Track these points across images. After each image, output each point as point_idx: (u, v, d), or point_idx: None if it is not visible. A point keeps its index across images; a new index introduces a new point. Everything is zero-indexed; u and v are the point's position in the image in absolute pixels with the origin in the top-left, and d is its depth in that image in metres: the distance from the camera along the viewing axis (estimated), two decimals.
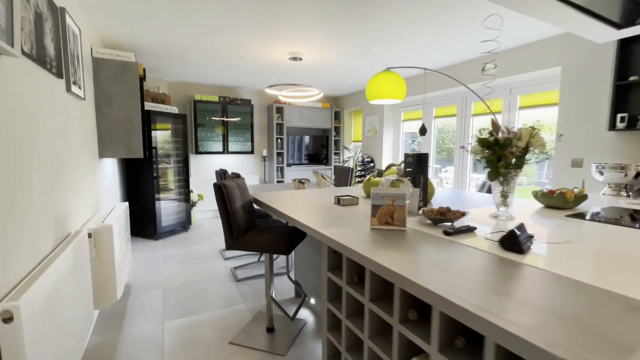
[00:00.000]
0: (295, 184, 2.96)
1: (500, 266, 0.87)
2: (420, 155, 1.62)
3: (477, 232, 1.22)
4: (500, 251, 0.99)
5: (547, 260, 0.91)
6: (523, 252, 0.96)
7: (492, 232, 1.21)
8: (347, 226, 1.31)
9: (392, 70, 2.11)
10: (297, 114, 5.57)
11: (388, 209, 1.27)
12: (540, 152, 1.34)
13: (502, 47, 3.11)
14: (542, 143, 1.31)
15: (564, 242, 1.08)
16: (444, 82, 3.87)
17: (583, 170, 2.63)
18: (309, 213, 1.58)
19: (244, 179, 2.07)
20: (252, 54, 3.35)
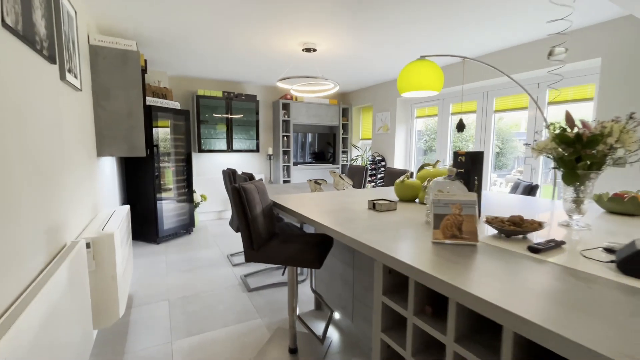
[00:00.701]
0: (311, 185, 2.73)
1: (635, 299, 0.65)
2: (474, 154, 1.40)
3: (566, 247, 1.00)
4: (618, 275, 0.77)
5: None
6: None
7: (587, 248, 0.99)
8: (401, 239, 1.08)
9: (427, 58, 1.88)
10: (304, 111, 5.33)
11: (454, 219, 1.05)
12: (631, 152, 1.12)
13: (528, 38, 2.89)
14: (636, 140, 1.09)
15: None
16: (469, 75, 3.65)
17: (628, 171, 2.42)
18: (345, 222, 1.35)
19: (261, 181, 1.84)
20: (261, 45, 3.11)
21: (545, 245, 0.96)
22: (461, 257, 0.92)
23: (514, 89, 3.43)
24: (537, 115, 3.21)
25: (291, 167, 5.33)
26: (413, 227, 1.26)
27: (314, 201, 1.87)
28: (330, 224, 1.31)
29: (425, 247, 1.01)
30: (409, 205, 1.75)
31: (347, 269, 1.83)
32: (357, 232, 1.18)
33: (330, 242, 1.72)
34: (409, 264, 0.87)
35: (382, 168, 4.91)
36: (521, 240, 1.08)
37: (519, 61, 3.11)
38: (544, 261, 0.89)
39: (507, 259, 0.90)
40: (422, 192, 1.79)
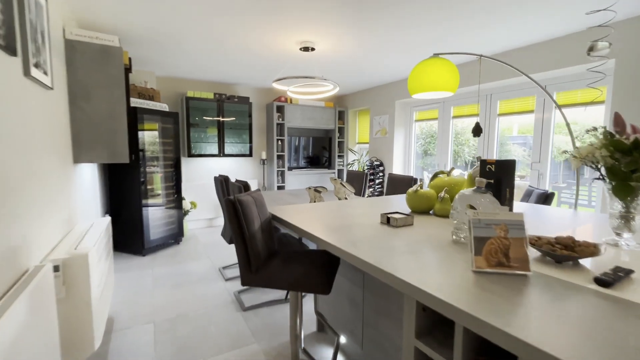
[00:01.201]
0: (310, 194, 2.54)
1: None
2: (505, 162, 1.23)
3: (635, 277, 0.83)
4: None
5: None
6: None
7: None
8: (432, 265, 0.90)
9: (441, 56, 1.72)
10: (299, 114, 5.14)
11: (500, 243, 0.87)
12: None
13: (532, 40, 2.78)
14: None
15: None
16: (469, 78, 3.53)
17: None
18: (360, 242, 1.16)
19: (259, 191, 1.63)
20: (255, 43, 2.92)
21: (614, 277, 0.79)
22: (516, 293, 0.74)
23: (517, 92, 3.31)
24: (544, 119, 3.09)
25: (286, 172, 5.12)
26: (440, 248, 1.08)
27: (317, 213, 1.67)
28: (346, 246, 1.12)
29: (466, 277, 0.83)
30: (424, 219, 1.57)
31: (356, 290, 1.63)
32: (379, 256, 0.99)
33: (338, 260, 1.53)
34: (456, 307, 0.69)
35: (380, 173, 4.75)
36: (573, 267, 0.90)
37: (529, 61, 2.99)
38: (622, 300, 0.72)
39: (574, 296, 0.73)
40: (438, 204, 1.61)
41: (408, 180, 2.99)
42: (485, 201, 1.14)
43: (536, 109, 3.15)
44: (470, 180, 1.56)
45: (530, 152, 3.26)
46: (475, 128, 1.82)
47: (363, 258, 0.98)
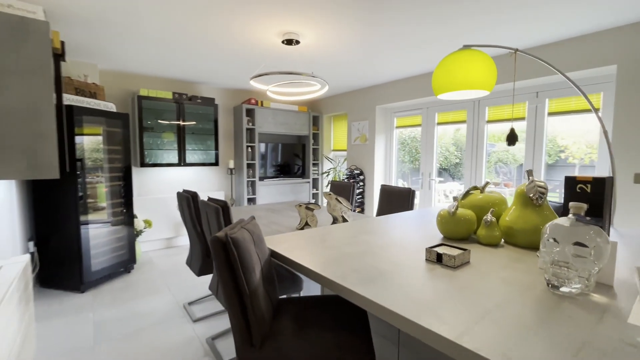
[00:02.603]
0: (301, 212, 2.11)
1: None
2: (603, 180, 0.93)
3: None
4: None
5: None
6: None
7: None
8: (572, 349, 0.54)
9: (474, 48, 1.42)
10: (270, 118, 4.68)
11: None
12: None
13: (529, 43, 2.66)
14: None
15: None
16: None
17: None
18: (426, 302, 0.77)
19: (253, 220, 1.18)
20: (224, 34, 2.44)
21: None
22: None
23: (505, 99, 3.20)
24: (536, 125, 2.99)
25: (257, 182, 4.61)
26: (549, 310, 0.73)
27: (327, 245, 1.26)
28: (423, 319, 0.72)
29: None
30: (473, 250, 1.23)
31: (389, 346, 1.24)
32: (483, 336, 0.61)
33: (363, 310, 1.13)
34: None
35: (361, 183, 4.44)
36: None
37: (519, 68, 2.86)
38: None
39: None
40: (483, 229, 1.29)
41: (405, 193, 2.68)
42: (594, 236, 0.83)
43: (527, 115, 3.05)
44: (522, 198, 1.26)
45: (489, 158, 3.22)
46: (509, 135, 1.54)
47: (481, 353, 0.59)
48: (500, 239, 1.28)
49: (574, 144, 3.00)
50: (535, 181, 1.24)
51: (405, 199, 2.67)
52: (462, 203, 1.49)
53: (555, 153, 3.14)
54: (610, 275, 0.88)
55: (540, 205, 1.22)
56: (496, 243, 1.28)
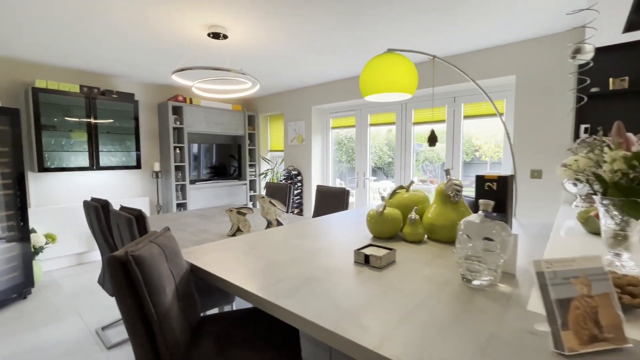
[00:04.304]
0: (232, 217, 1.98)
1: None
2: (506, 178, 1.01)
3: None
4: None
5: None
6: None
7: None
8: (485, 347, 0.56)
9: (397, 52, 1.47)
10: (202, 117, 4.38)
11: (586, 306, 0.59)
12: None
13: (450, 52, 2.91)
14: None
15: None
16: None
17: (542, 182, 2.58)
18: (351, 308, 0.75)
19: (169, 231, 1.05)
20: (144, 19, 2.19)
21: None
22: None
23: (429, 103, 3.47)
24: (454, 127, 3.29)
25: (187, 186, 4.27)
26: (464, 304, 0.77)
27: (256, 253, 1.19)
28: (349, 328, 0.69)
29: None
30: (399, 248, 1.26)
31: None
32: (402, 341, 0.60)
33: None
34: None
35: (299, 183, 4.41)
36: (634, 314, 0.71)
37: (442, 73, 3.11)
38: None
39: None
40: (408, 227, 1.34)
41: (340, 193, 2.72)
42: (499, 230, 0.89)
43: (447, 118, 3.33)
44: (441, 196, 1.34)
45: (417, 157, 3.53)
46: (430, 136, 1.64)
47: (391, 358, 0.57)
48: (423, 236, 1.34)
49: (486, 143, 3.38)
50: (452, 180, 1.33)
51: (340, 199, 2.70)
52: (389, 202, 1.53)
53: (471, 152, 3.50)
54: (513, 265, 0.96)
55: (456, 202, 1.31)
56: (420, 240, 1.34)
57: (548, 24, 2.29)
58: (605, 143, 0.97)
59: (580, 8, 1.83)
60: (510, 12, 2.10)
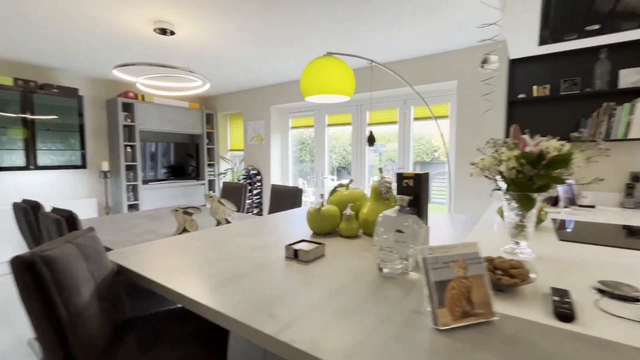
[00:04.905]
0: (178, 217, 1.94)
1: None
2: (422, 176, 1.11)
3: (574, 297, 0.78)
4: None
5: None
6: None
7: (598, 298, 0.81)
8: (376, 328, 0.63)
9: (335, 56, 1.53)
10: (155, 114, 4.21)
11: (461, 286, 0.68)
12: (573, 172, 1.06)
13: (399, 57, 3.06)
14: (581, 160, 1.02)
15: None
16: None
17: (483, 179, 2.80)
18: (270, 301, 0.79)
19: (92, 232, 1.03)
20: (83, 9, 2.09)
21: (568, 305, 0.71)
22: (505, 358, 0.55)
23: (382, 105, 3.61)
24: (405, 129, 3.45)
25: (139, 186, 4.09)
26: (375, 291, 0.84)
27: (193, 251, 1.19)
28: (255, 317, 0.72)
29: (436, 345, 0.59)
30: (332, 243, 1.33)
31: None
32: (304, 326, 0.65)
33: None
34: None
35: (258, 183, 4.39)
36: (516, 294, 0.81)
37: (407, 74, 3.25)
38: (593, 337, 0.62)
39: (556, 346, 0.59)
40: (344, 223, 1.40)
41: (293, 192, 2.76)
42: (411, 223, 0.98)
43: (399, 119, 3.49)
44: (375, 193, 1.42)
45: (380, 156, 3.69)
46: (369, 137, 1.73)
47: (294, 345, 0.62)
48: (357, 231, 1.42)
49: (444, 145, 3.56)
50: (384, 177, 1.42)
51: (294, 198, 2.74)
52: (330, 200, 1.59)
53: (431, 152, 3.68)
54: None
55: (388, 198, 1.40)
56: (355, 234, 1.41)
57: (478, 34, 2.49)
58: (507, 144, 1.09)
59: (489, 23, 2.01)
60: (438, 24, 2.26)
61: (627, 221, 1.70)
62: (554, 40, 1.78)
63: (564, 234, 1.41)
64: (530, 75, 2.44)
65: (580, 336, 0.62)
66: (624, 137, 2.07)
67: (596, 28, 1.61)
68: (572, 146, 0.99)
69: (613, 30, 1.64)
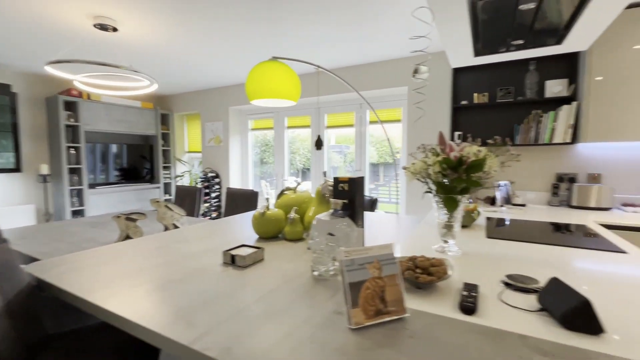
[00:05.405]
0: (120, 224, 1.84)
1: None
2: (357, 180, 1.15)
3: (482, 291, 0.86)
4: (560, 333, 0.64)
5: None
6: (602, 329, 0.65)
7: (498, 289, 0.88)
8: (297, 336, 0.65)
9: (280, 60, 1.54)
10: (102, 114, 3.96)
11: (375, 286, 0.71)
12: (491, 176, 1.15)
13: (354, 62, 3.15)
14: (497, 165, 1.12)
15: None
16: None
17: None
18: (194, 311, 0.78)
19: (4, 242, 0.95)
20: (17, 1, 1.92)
21: (473, 299, 0.77)
22: (406, 353, 0.59)
23: (342, 107, 3.68)
24: (361, 132, 3.55)
25: (85, 191, 3.82)
26: (303, 294, 0.85)
27: (127, 260, 1.14)
28: (174, 327, 0.71)
29: (345, 342, 0.62)
30: (275, 247, 1.33)
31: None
32: (226, 333, 0.65)
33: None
34: None
35: (217, 186, 4.28)
36: (433, 290, 0.87)
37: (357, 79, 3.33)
38: (489, 328, 0.69)
39: (455, 337, 0.65)
40: (288, 226, 1.42)
41: (249, 195, 2.73)
42: (344, 226, 1.01)
43: (355, 123, 3.58)
44: (319, 196, 1.45)
45: (345, 158, 3.76)
46: (317, 141, 1.76)
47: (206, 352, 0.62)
48: (302, 234, 1.43)
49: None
50: (327, 181, 1.45)
51: (249, 201, 2.71)
52: (277, 203, 1.60)
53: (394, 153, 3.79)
54: None
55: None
56: (299, 237, 1.43)
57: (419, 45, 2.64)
58: (433, 149, 1.16)
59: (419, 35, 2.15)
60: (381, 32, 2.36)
61: (552, 218, 1.88)
62: (487, 52, 1.93)
63: (492, 231, 1.53)
64: (471, 83, 2.62)
65: (478, 327, 0.68)
66: (549, 141, 2.29)
67: (521, 42, 1.76)
68: (487, 151, 1.09)
69: (536, 45, 1.81)
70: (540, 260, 1.11)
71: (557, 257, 1.14)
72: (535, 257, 1.14)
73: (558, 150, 2.41)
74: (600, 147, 2.29)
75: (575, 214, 2.03)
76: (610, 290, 0.86)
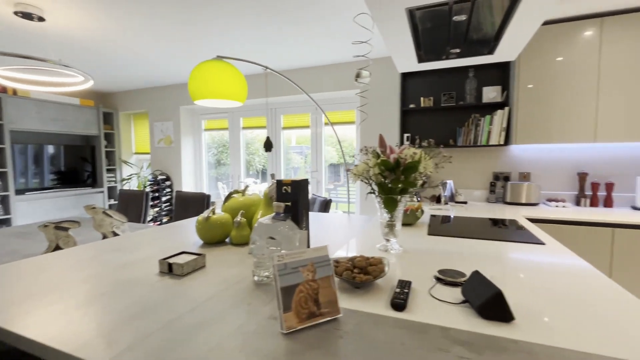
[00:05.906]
0: (48, 233, 1.66)
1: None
2: (300, 182, 1.15)
3: (415, 287, 0.90)
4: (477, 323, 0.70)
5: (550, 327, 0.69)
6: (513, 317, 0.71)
7: (430, 284, 0.93)
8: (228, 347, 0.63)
9: (225, 60, 1.50)
10: (33, 112, 3.57)
11: (309, 289, 0.72)
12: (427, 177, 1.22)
13: (305, 64, 3.16)
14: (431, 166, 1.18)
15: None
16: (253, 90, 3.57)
17: None
18: (115, 329, 0.72)
19: None
20: None
21: (404, 296, 0.81)
22: (334, 353, 0.59)
23: (298, 108, 3.69)
24: (317, 133, 3.57)
25: (11, 197, 3.42)
26: (240, 301, 0.83)
27: (48, 274, 1.03)
28: (79, 343, 0.65)
29: (276, 349, 0.61)
30: (220, 252, 1.29)
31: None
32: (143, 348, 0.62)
33: None
34: None
35: (167, 189, 4.06)
36: (369, 288, 0.90)
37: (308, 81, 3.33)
38: (415, 322, 0.72)
39: (382, 335, 0.67)
40: (234, 230, 1.38)
41: (200, 198, 2.62)
42: (286, 229, 1.01)
43: (311, 124, 3.60)
44: (267, 199, 1.43)
45: (306, 159, 3.75)
46: (266, 143, 1.74)
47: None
48: (249, 238, 1.40)
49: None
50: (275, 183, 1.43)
51: (200, 204, 2.60)
52: (224, 207, 1.55)
53: (347, 155, 3.85)
54: None
55: None
56: (246, 242, 1.40)
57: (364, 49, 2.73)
58: (374, 152, 1.20)
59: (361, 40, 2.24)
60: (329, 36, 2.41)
61: (488, 214, 2.04)
62: (429, 59, 2.04)
63: (434, 229, 1.61)
64: (418, 88, 2.76)
65: (405, 322, 0.71)
66: (486, 143, 2.48)
67: (458, 51, 1.89)
68: (422, 153, 1.15)
69: (471, 54, 1.95)
70: (473, 254, 1.19)
71: (489, 250, 1.24)
72: (469, 252, 1.22)
73: (494, 151, 2.63)
74: (529, 148, 2.54)
75: (508, 210, 2.22)
76: (524, 279, 0.95)
